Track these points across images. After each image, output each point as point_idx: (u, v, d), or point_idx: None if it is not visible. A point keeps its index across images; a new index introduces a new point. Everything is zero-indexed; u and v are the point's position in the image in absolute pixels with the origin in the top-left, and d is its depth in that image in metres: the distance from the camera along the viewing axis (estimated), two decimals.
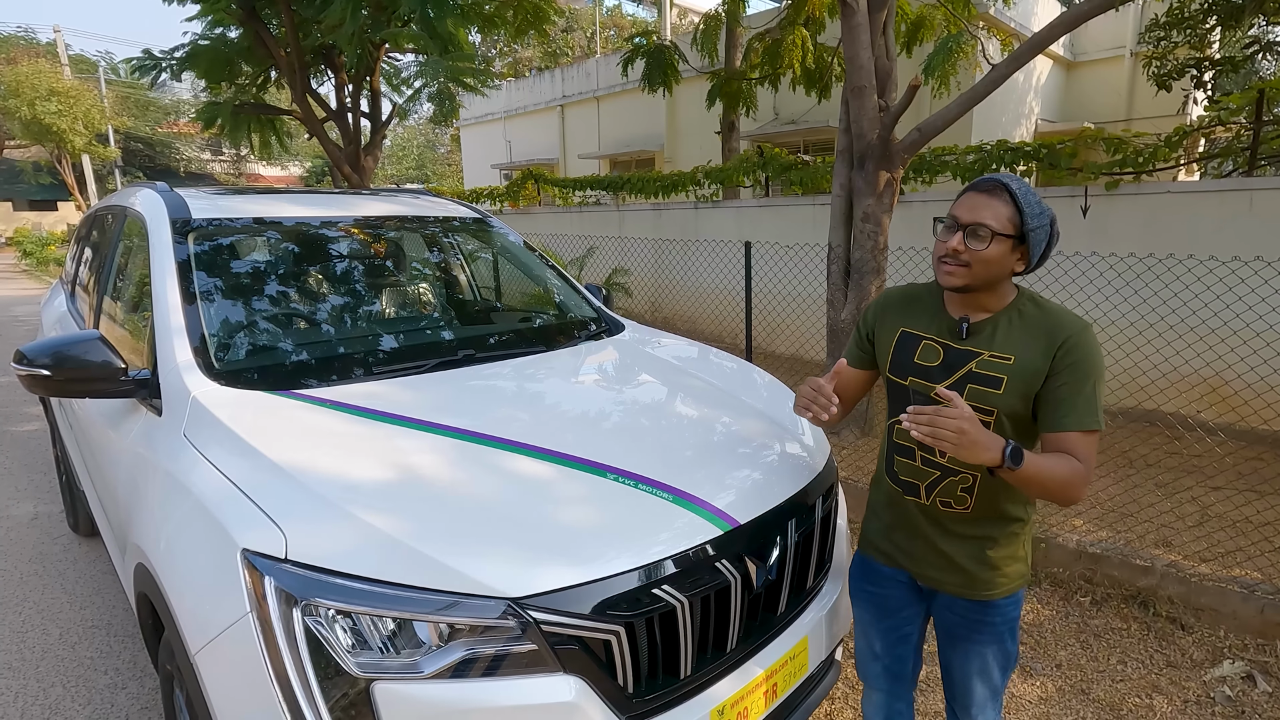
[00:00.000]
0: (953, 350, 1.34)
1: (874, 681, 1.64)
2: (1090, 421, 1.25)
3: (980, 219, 1.26)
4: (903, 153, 4.12)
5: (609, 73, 15.69)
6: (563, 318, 2.72)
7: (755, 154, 7.99)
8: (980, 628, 1.42)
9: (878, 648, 1.58)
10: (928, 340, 1.38)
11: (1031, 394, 1.28)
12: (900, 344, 1.42)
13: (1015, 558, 1.40)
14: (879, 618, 1.56)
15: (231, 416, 1.57)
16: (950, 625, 1.47)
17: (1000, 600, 1.40)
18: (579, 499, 1.44)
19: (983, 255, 1.26)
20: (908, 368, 1.39)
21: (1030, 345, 1.28)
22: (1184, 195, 4.86)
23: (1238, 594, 2.59)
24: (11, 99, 21.83)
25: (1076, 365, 1.25)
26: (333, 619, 1.16)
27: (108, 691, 2.32)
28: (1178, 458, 4.14)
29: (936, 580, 1.44)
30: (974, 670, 1.46)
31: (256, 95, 8.12)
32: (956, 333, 1.35)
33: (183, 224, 2.18)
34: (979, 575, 1.39)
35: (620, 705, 1.27)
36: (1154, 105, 10.83)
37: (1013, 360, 1.28)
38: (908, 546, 1.46)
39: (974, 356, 1.31)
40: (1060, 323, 1.28)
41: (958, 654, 1.48)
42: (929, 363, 1.36)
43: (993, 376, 1.29)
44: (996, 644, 1.43)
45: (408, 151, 40.75)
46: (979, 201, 1.27)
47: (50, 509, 3.73)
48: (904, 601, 1.52)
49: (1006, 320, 1.32)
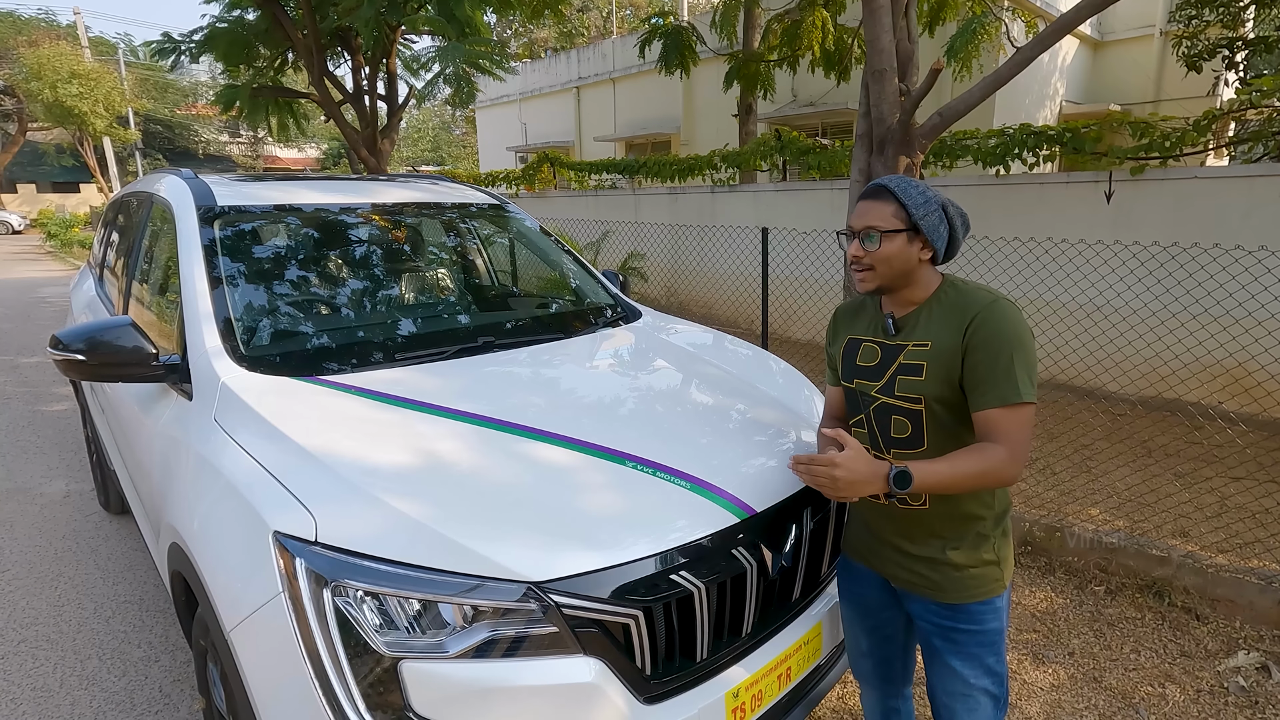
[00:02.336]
0: (886, 347, 1.38)
1: (866, 679, 1.64)
2: (1010, 395, 1.22)
3: (868, 223, 1.33)
4: (923, 137, 4.07)
5: (625, 54, 15.54)
6: (579, 304, 2.74)
7: (773, 137, 7.91)
8: (955, 636, 1.37)
9: (864, 646, 1.59)
10: (866, 342, 1.43)
11: (954, 377, 1.28)
12: (848, 350, 1.46)
13: (985, 560, 1.35)
14: (861, 616, 1.56)
15: (259, 402, 1.61)
16: (926, 635, 1.43)
17: (972, 605, 1.35)
18: (598, 486, 1.47)
19: (880, 254, 1.32)
20: (853, 371, 1.44)
21: (947, 327, 1.30)
22: (1212, 181, 4.76)
23: (1255, 585, 2.58)
24: (34, 81, 22.03)
25: (988, 340, 1.24)
26: (361, 600, 1.20)
27: (142, 664, 2.41)
28: (1198, 448, 4.10)
29: (907, 582, 1.41)
30: (954, 689, 1.40)
31: (274, 78, 8.15)
32: (887, 330, 1.39)
33: (208, 210, 2.22)
34: (947, 575, 1.35)
35: (638, 686, 1.30)
36: (1183, 87, 10.57)
37: (929, 345, 1.31)
38: (876, 548, 1.46)
39: (901, 349, 1.35)
40: (970, 301, 1.30)
41: (935, 672, 1.44)
42: (869, 363, 1.41)
43: (915, 365, 1.32)
44: (976, 658, 1.37)
45: (423, 134, 40.74)
46: (865, 207, 1.35)
47: (82, 487, 3.84)
48: (883, 603, 1.51)
49: (928, 310, 1.35)
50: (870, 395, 1.39)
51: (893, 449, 1.37)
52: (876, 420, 1.39)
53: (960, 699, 1.40)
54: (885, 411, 1.37)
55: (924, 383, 1.31)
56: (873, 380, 1.39)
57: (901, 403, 1.34)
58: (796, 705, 1.60)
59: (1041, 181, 5.55)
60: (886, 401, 1.36)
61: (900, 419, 1.35)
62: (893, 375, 1.35)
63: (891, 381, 1.35)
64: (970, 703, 1.40)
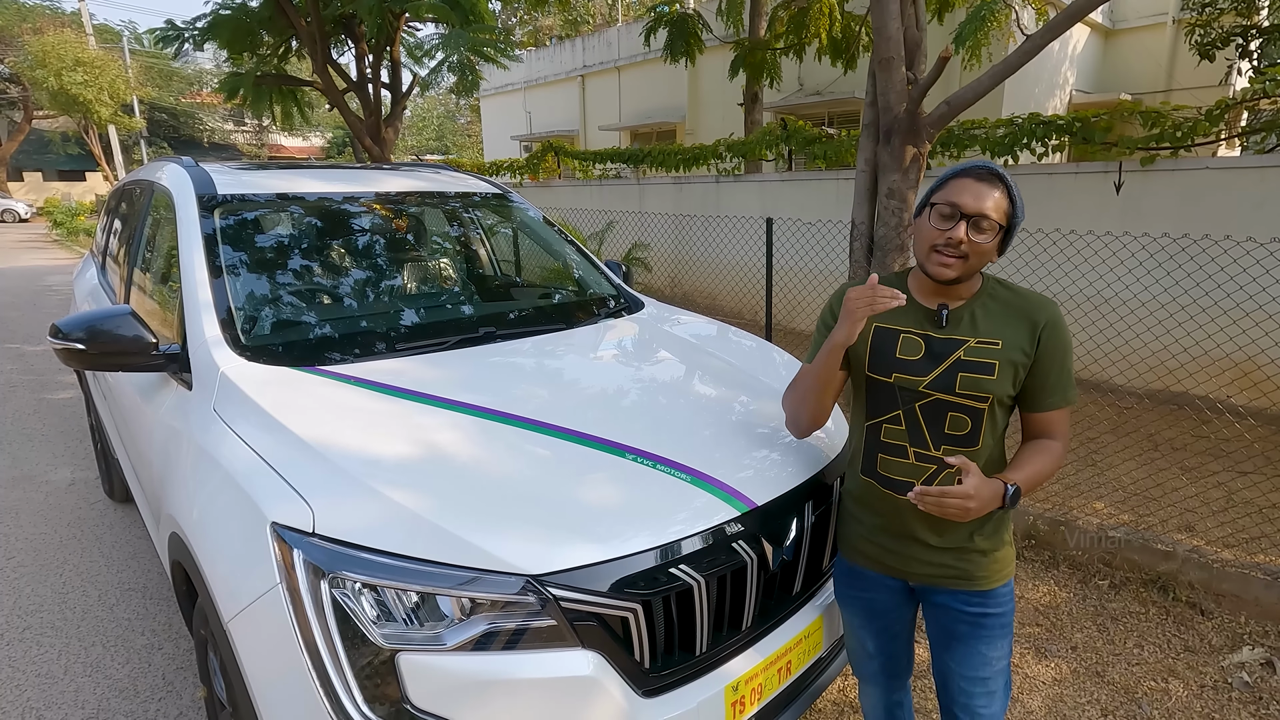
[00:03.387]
0: (935, 340, 1.30)
1: (871, 678, 1.60)
2: (1071, 396, 1.31)
3: (984, 209, 1.22)
4: (930, 127, 4.02)
5: (630, 42, 15.42)
6: (582, 295, 2.72)
7: (778, 127, 7.85)
8: (982, 622, 1.37)
9: (871, 648, 1.54)
10: (906, 333, 1.33)
11: (1020, 377, 1.28)
12: (880, 340, 1.35)
13: (1004, 541, 1.38)
14: (868, 620, 1.51)
15: (259, 392, 1.61)
16: (949, 624, 1.40)
17: (999, 589, 1.37)
18: (598, 478, 1.46)
19: (983, 247, 1.23)
20: (890, 364, 1.33)
21: (1014, 328, 1.28)
22: (1223, 171, 4.69)
23: (1261, 580, 2.56)
24: (39, 69, 22.04)
25: (1057, 346, 1.28)
26: (359, 591, 1.20)
27: (145, 652, 2.42)
28: (1205, 441, 4.07)
29: (933, 576, 1.38)
30: (975, 674, 1.39)
31: (278, 66, 8.12)
32: (936, 322, 1.31)
33: (209, 199, 2.21)
34: (976, 563, 1.35)
35: (637, 680, 1.29)
36: (1195, 76, 10.43)
37: (1000, 344, 1.27)
38: (898, 548, 1.40)
39: (960, 344, 1.28)
40: (1037, 305, 1.30)
41: (956, 658, 1.41)
42: (911, 356, 1.32)
43: (984, 363, 1.26)
44: (999, 639, 1.38)
45: (428, 122, 40.63)
46: (982, 190, 1.22)
47: (86, 475, 3.85)
48: (893, 603, 1.47)
49: (982, 306, 1.31)
50: (917, 390, 1.30)
51: (943, 445, 1.30)
52: (925, 416, 1.31)
53: (981, 683, 1.40)
54: (940, 408, 1.29)
55: (995, 382, 1.26)
56: (919, 375, 1.30)
57: (964, 400, 1.27)
58: (797, 699, 1.60)
59: (1050, 172, 5.49)
60: (942, 398, 1.28)
61: (959, 416, 1.28)
62: (949, 371, 1.28)
63: (949, 378, 1.27)
64: (991, 684, 1.40)
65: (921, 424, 1.32)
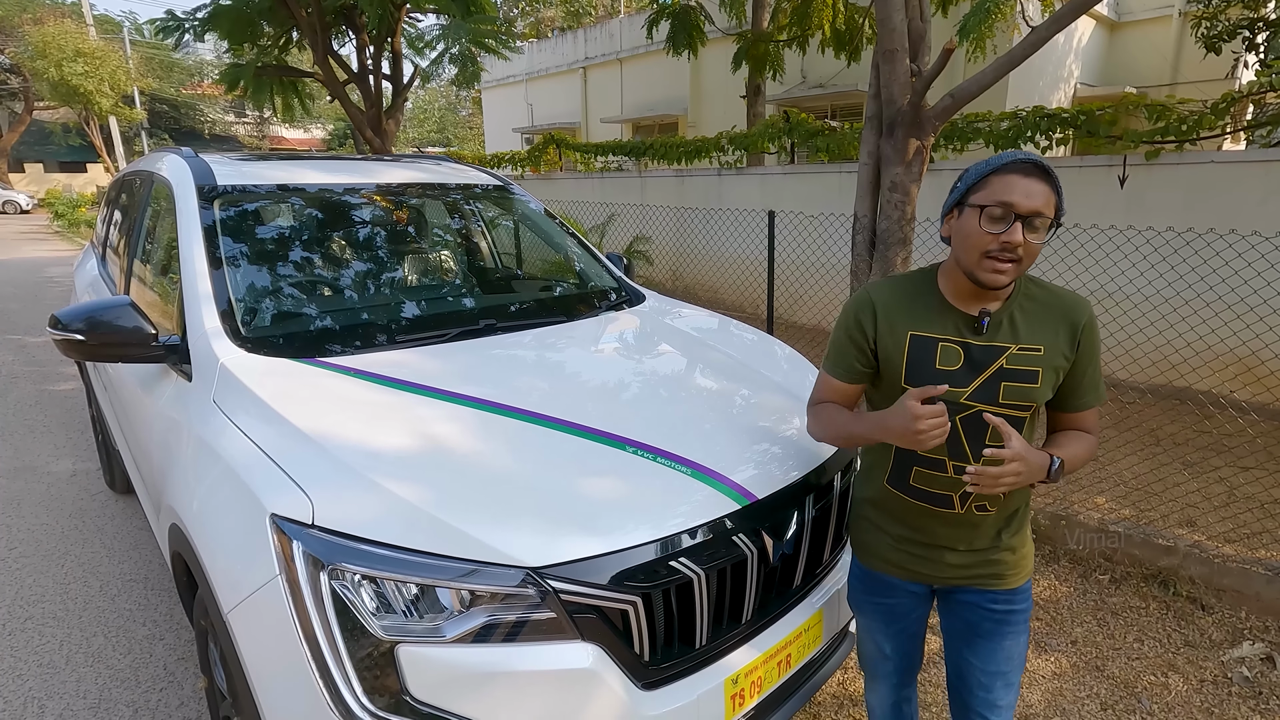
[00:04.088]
0: (974, 348, 1.21)
1: (885, 678, 1.58)
2: (1103, 393, 1.30)
3: (1038, 208, 1.12)
4: (934, 119, 4.00)
5: (633, 33, 15.34)
6: (583, 287, 2.71)
7: (781, 119, 7.81)
8: (1008, 619, 1.36)
9: (888, 650, 1.52)
10: (945, 342, 1.23)
11: (1059, 381, 1.24)
12: (914, 349, 1.25)
13: (1028, 539, 1.39)
14: (887, 623, 1.49)
15: (258, 383, 1.60)
16: (975, 621, 1.37)
17: (1023, 586, 1.37)
18: (598, 471, 1.45)
19: (1036, 248, 1.13)
20: (930, 376, 1.23)
21: (1054, 332, 1.22)
22: (1228, 165, 4.67)
23: (1262, 575, 2.56)
24: (39, 60, 21.98)
25: (1094, 347, 1.26)
26: (358, 583, 1.20)
27: (146, 642, 2.43)
28: (1207, 437, 4.06)
29: (960, 579, 1.36)
30: (998, 669, 1.37)
31: (278, 57, 8.08)
32: (975, 329, 1.22)
33: (208, 190, 2.20)
34: (1005, 562, 1.34)
35: (636, 672, 1.29)
36: (1201, 69, 10.36)
37: (1043, 351, 1.20)
38: (927, 554, 1.36)
39: (1001, 351, 1.20)
40: (1073, 305, 1.24)
41: (980, 654, 1.38)
42: (950, 366, 1.22)
43: (1028, 370, 1.19)
44: (1022, 634, 1.38)
45: (429, 114, 40.50)
46: (1034, 188, 1.12)
47: (88, 466, 3.86)
48: (911, 606, 1.46)
49: (1019, 308, 1.23)
50: (958, 403, 1.21)
51: (982, 458, 1.20)
52: (965, 429, 1.23)
53: (1001, 676, 1.38)
54: (980, 419, 1.21)
55: (1039, 390, 1.20)
56: (960, 386, 1.21)
57: (1007, 411, 1.20)
58: (796, 692, 1.60)
59: (1055, 165, 5.46)
60: (985, 409, 1.20)
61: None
62: (991, 381, 1.20)
63: (992, 388, 1.20)
64: (1010, 677, 1.40)
65: (962, 436, 1.23)
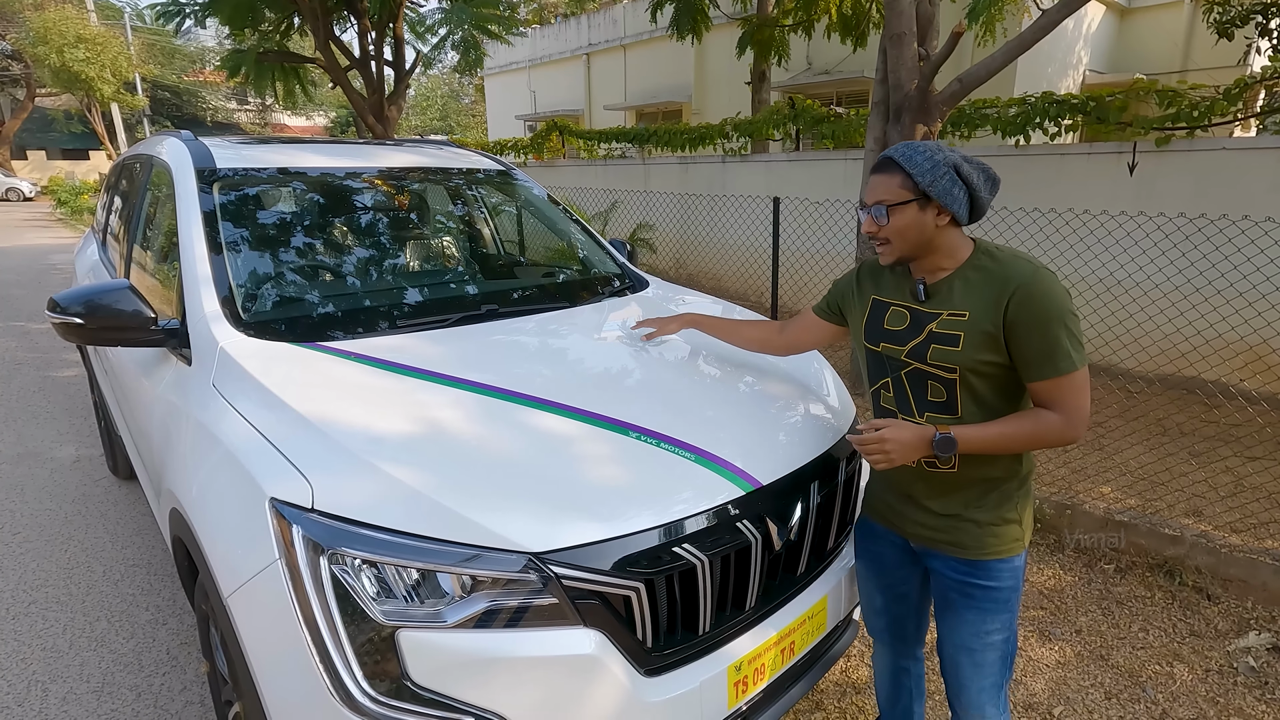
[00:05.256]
0: (916, 313, 1.37)
1: (879, 636, 1.68)
2: (1062, 365, 1.23)
3: (876, 197, 1.33)
4: (942, 105, 3.95)
5: (637, 19, 15.21)
6: (586, 273, 2.69)
7: (786, 106, 7.74)
8: (971, 591, 1.40)
9: (878, 603, 1.62)
10: (895, 305, 1.42)
11: (996, 346, 1.27)
12: (874, 312, 1.46)
13: (1006, 519, 1.38)
14: (877, 574, 1.60)
15: (258, 368, 1.59)
16: (943, 589, 1.45)
17: (991, 561, 1.37)
18: (601, 457, 1.43)
19: (892, 228, 1.32)
20: (879, 334, 1.43)
21: (982, 300, 1.29)
22: (1239, 152, 4.60)
23: (1269, 565, 2.54)
24: (40, 46, 21.87)
25: (1035, 316, 1.24)
26: (358, 568, 1.18)
27: (149, 627, 2.43)
28: (1215, 426, 4.03)
29: (928, 539, 1.43)
30: (963, 643, 1.43)
31: (280, 43, 8.03)
32: (917, 295, 1.37)
33: (208, 174, 2.18)
34: (969, 532, 1.38)
35: (639, 659, 1.28)
36: (1212, 55, 10.20)
37: (967, 316, 1.30)
38: (899, 507, 1.48)
39: (934, 317, 1.34)
40: (1009, 274, 1.27)
41: (947, 624, 1.46)
42: (897, 327, 1.40)
43: (950, 334, 1.31)
44: (990, 613, 1.39)
45: (432, 102, 40.29)
46: (873, 181, 1.35)
47: (91, 452, 3.86)
48: (898, 561, 1.54)
49: (963, 278, 1.33)
50: (900, 360, 1.38)
51: (926, 413, 1.36)
52: (910, 384, 1.38)
53: (968, 654, 1.44)
54: (919, 377, 1.36)
55: (960, 353, 1.30)
56: (901, 345, 1.38)
57: (936, 370, 1.33)
58: (800, 679, 1.59)
59: (1062, 152, 5.40)
60: (919, 367, 1.35)
61: (935, 384, 1.34)
62: (924, 342, 1.34)
63: (923, 348, 1.34)
64: (978, 658, 1.43)
65: (907, 390, 1.39)
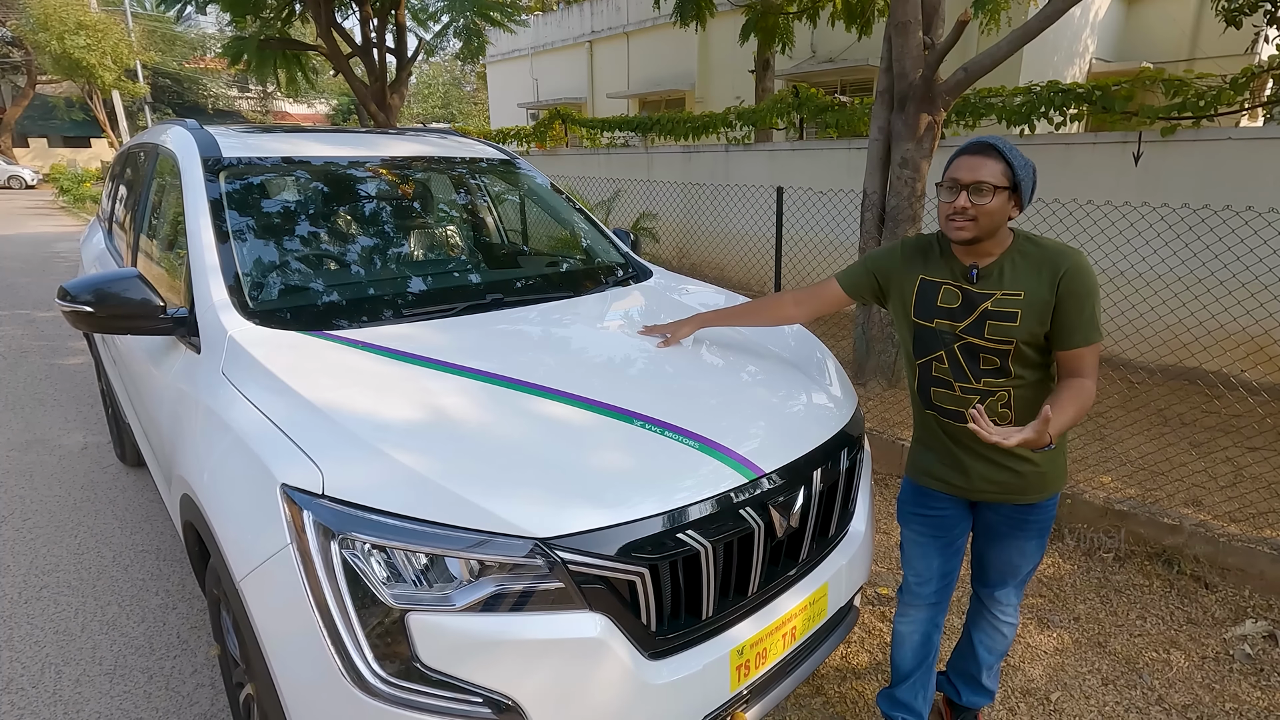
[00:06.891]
0: (970, 293, 1.53)
1: (927, 599, 1.79)
2: (1094, 336, 1.46)
3: (980, 177, 1.44)
4: (946, 94, 3.93)
5: (640, 6, 15.09)
6: (589, 263, 2.70)
7: (790, 94, 7.70)
8: (1024, 526, 1.65)
9: (935, 566, 1.75)
10: (946, 285, 1.56)
11: (1045, 320, 1.47)
12: (924, 290, 1.59)
13: (1055, 463, 1.60)
14: (937, 534, 1.73)
15: (266, 355, 1.60)
16: (993, 524, 1.68)
17: (1043, 502, 1.62)
18: (606, 444, 1.45)
19: (987, 208, 1.44)
20: (932, 311, 1.57)
21: (1037, 279, 1.47)
22: (1245, 142, 4.58)
23: (1267, 554, 2.56)
24: (41, 32, 21.75)
25: (1077, 291, 1.45)
26: (368, 552, 1.21)
27: (160, 611, 2.47)
28: (1215, 417, 4.04)
29: (987, 492, 1.62)
30: (1009, 562, 1.71)
31: (281, 30, 7.99)
32: (969, 277, 1.53)
33: (214, 162, 2.19)
34: (1027, 482, 1.58)
35: (643, 642, 1.31)
36: (1220, 44, 10.11)
37: (1023, 295, 1.47)
38: (961, 466, 1.62)
39: (988, 297, 1.50)
40: (1059, 255, 1.48)
41: (995, 549, 1.72)
42: (951, 304, 1.55)
43: (1008, 311, 1.48)
44: (1036, 539, 1.67)
45: (434, 90, 40.07)
46: (974, 162, 1.45)
47: (99, 439, 3.90)
48: (958, 517, 1.71)
49: (1010, 262, 1.51)
50: (954, 334, 1.54)
51: (983, 379, 1.53)
52: (964, 356, 1.54)
53: (1011, 568, 1.72)
54: (973, 350, 1.53)
55: (1018, 328, 1.47)
56: (956, 321, 1.53)
57: (991, 343, 1.50)
58: (800, 664, 1.62)
59: (1068, 142, 5.38)
60: (974, 342, 1.52)
61: (989, 356, 1.52)
62: (979, 319, 1.51)
63: (979, 324, 1.51)
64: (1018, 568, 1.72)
65: (961, 362, 1.55)
